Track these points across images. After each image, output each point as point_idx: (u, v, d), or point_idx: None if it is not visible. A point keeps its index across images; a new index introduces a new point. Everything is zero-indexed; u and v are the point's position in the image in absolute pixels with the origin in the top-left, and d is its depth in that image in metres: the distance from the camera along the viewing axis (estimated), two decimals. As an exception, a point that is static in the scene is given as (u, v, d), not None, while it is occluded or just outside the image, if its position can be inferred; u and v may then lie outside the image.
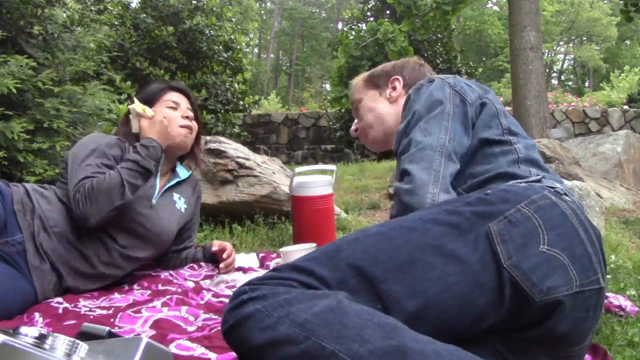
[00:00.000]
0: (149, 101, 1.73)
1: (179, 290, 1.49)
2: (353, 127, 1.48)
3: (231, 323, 0.79)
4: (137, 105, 1.66)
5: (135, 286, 1.60)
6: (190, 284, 1.65)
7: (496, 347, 0.88)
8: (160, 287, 1.54)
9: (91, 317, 1.31)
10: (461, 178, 1.10)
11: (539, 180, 1.03)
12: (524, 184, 1.00)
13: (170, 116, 1.71)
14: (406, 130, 1.15)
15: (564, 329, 0.86)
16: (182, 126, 1.73)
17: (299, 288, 0.81)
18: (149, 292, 1.52)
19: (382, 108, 1.40)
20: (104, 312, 1.34)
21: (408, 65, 1.45)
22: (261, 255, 2.09)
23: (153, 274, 1.77)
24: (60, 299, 1.43)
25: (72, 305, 1.40)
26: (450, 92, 1.15)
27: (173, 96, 1.76)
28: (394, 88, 1.40)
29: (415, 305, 0.81)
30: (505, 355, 0.89)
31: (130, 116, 1.69)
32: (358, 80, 1.50)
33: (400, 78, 1.41)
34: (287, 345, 0.74)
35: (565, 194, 0.97)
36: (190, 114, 1.78)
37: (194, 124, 1.79)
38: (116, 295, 1.51)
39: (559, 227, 0.88)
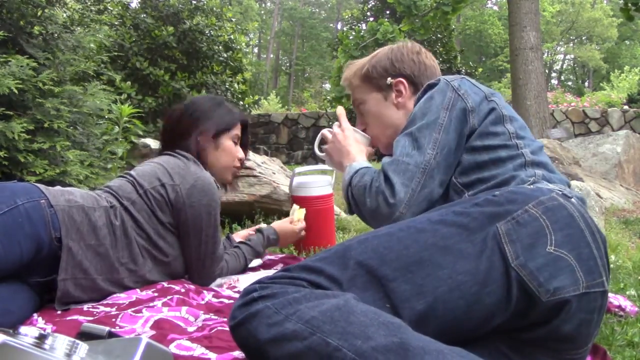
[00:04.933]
0: (223, 131, 1.69)
1: (183, 290, 1.49)
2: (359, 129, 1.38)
3: (240, 319, 0.80)
4: (298, 212, 2.04)
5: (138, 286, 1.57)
6: (192, 285, 1.64)
7: (500, 348, 0.89)
8: (165, 284, 1.53)
9: (95, 313, 1.32)
10: (470, 184, 1.09)
11: (533, 183, 1.03)
12: (531, 186, 1.01)
13: (232, 152, 1.71)
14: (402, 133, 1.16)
15: (569, 329, 0.86)
16: (235, 166, 1.74)
17: (308, 288, 0.82)
18: (153, 289, 1.50)
19: (391, 115, 1.31)
20: (107, 309, 1.34)
21: (406, 59, 1.33)
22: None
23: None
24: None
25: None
26: (452, 97, 1.12)
27: (238, 129, 1.74)
28: (399, 92, 1.31)
29: (423, 304, 0.82)
30: (509, 356, 0.89)
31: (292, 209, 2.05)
32: (353, 77, 1.38)
33: (403, 80, 1.31)
34: (292, 340, 0.75)
35: (573, 197, 0.97)
36: (243, 156, 1.77)
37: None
38: (119, 294, 1.48)
39: (566, 229, 0.88)
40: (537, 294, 0.83)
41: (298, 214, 2.04)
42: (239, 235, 2.02)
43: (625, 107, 10.47)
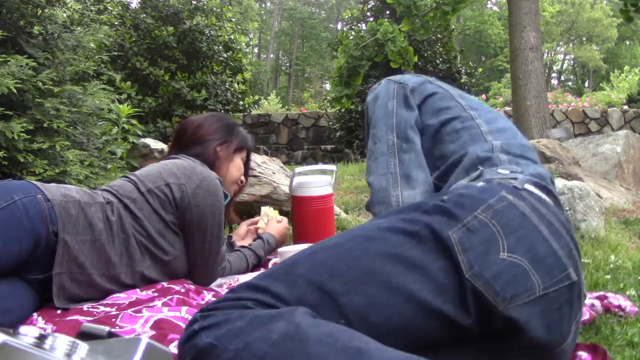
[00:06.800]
0: (240, 149, 1.80)
1: (183, 290, 1.49)
2: None
3: None
4: (272, 212, 2.06)
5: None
6: (192, 285, 1.64)
7: (477, 354, 0.86)
8: (165, 284, 1.53)
9: (95, 313, 1.31)
10: (430, 162, 1.12)
11: (487, 168, 1.03)
12: (481, 183, 0.98)
13: (241, 170, 1.81)
14: (365, 141, 1.23)
15: (539, 333, 0.83)
16: (239, 186, 1.84)
17: (253, 308, 0.78)
18: (153, 289, 1.50)
19: None
20: (107, 309, 1.34)
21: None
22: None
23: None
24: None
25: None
26: (394, 87, 1.21)
27: (245, 154, 1.84)
28: None
29: (379, 316, 0.79)
30: None
31: (262, 216, 2.04)
32: None
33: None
34: None
35: (525, 185, 0.94)
36: (244, 179, 1.87)
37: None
38: (119, 294, 1.49)
39: (518, 230, 0.86)
40: (494, 303, 0.80)
41: (274, 214, 2.10)
42: (238, 234, 2.03)
43: (625, 107, 10.48)
